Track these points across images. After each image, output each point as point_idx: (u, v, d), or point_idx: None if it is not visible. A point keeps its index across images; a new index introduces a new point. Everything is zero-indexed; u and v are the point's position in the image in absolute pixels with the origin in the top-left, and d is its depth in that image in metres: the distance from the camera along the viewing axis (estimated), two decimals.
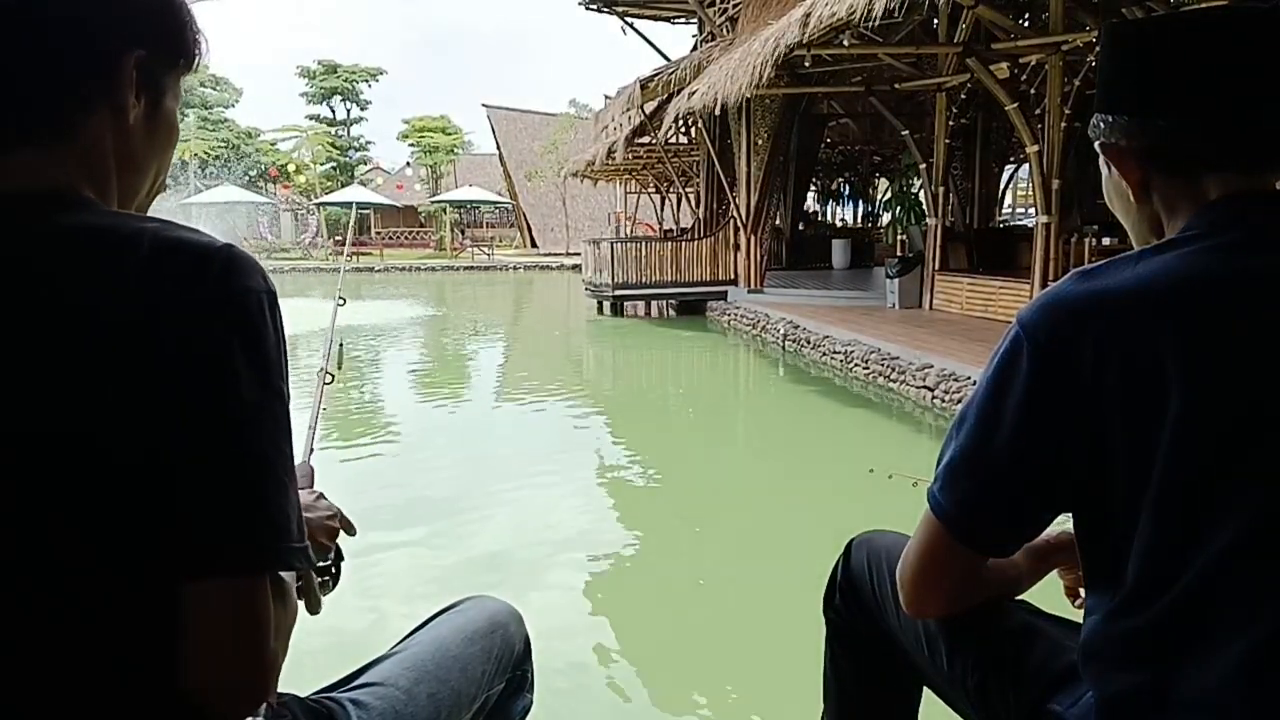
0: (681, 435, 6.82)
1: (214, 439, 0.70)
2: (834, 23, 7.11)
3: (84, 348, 0.67)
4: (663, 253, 14.18)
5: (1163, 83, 0.88)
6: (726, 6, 13.79)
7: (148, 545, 0.69)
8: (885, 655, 1.20)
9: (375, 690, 1.04)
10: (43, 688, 0.70)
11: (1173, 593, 0.81)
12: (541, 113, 36.31)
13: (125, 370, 0.68)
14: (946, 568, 0.97)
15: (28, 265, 0.70)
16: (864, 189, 25.75)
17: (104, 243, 0.71)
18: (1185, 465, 0.79)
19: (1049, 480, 0.87)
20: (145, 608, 0.71)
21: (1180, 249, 0.83)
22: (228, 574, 0.70)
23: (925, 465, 1.07)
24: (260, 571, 0.72)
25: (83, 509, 0.68)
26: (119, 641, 0.71)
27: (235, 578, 0.70)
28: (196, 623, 0.70)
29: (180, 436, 0.69)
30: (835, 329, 9.00)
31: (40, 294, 0.69)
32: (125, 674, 0.72)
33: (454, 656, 1.13)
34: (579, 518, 4.42)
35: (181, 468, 0.69)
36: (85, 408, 0.67)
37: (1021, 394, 0.85)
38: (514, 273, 26.92)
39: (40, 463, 0.67)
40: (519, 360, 11.51)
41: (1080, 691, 0.93)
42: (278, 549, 0.72)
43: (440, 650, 1.13)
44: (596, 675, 2.74)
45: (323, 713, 0.96)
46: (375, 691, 1.04)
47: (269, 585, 0.73)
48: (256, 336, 0.72)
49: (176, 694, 0.71)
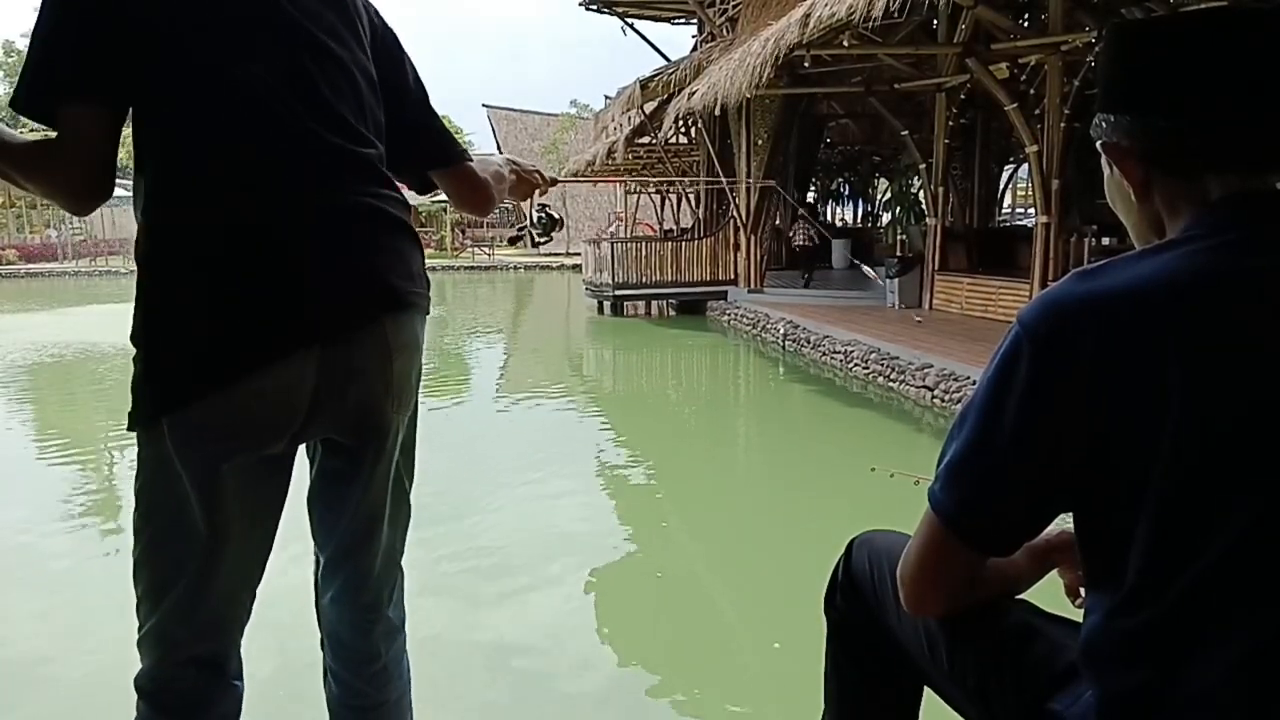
0: (682, 435, 6.82)
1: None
2: (834, 23, 7.11)
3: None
4: (663, 253, 14.18)
5: (1164, 83, 0.88)
6: (726, 7, 13.79)
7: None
8: (886, 654, 1.20)
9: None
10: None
11: (1173, 592, 0.81)
12: (541, 113, 36.30)
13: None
14: (947, 567, 0.97)
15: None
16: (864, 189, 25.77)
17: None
18: (1185, 465, 0.79)
19: (1049, 479, 0.87)
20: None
21: (1181, 249, 0.83)
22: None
23: (925, 465, 1.08)
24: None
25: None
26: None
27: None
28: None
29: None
30: (835, 329, 9.01)
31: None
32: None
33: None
34: (579, 517, 4.42)
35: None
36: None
37: (1022, 393, 0.85)
38: (514, 273, 26.94)
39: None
40: (519, 360, 11.51)
41: (1080, 691, 0.93)
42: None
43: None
44: (597, 675, 2.74)
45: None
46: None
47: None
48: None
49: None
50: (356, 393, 1.28)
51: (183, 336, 1.17)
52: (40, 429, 7.09)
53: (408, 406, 1.40)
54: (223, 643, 1.30)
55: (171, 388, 1.18)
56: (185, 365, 1.17)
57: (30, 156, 1.15)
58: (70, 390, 8.72)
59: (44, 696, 2.60)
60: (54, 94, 1.12)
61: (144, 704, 1.27)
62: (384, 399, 1.33)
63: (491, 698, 2.57)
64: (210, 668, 1.28)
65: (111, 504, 4.73)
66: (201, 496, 1.20)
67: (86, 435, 6.64)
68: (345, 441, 1.35)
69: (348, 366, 1.26)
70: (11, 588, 3.48)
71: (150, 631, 1.25)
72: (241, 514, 1.25)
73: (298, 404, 1.23)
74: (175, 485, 1.20)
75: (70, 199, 1.17)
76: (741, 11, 12.08)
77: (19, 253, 28.44)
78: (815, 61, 10.02)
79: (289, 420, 1.24)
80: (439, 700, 2.40)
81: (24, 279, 24.70)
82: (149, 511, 1.24)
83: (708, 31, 14.75)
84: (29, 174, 1.16)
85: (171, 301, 1.17)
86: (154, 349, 1.18)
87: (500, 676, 2.70)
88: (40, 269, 26.57)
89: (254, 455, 1.24)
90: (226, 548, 1.24)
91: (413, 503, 1.51)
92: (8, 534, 4.10)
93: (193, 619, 1.25)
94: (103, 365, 9.81)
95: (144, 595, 1.25)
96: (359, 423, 1.32)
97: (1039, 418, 0.85)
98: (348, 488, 1.39)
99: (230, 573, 1.26)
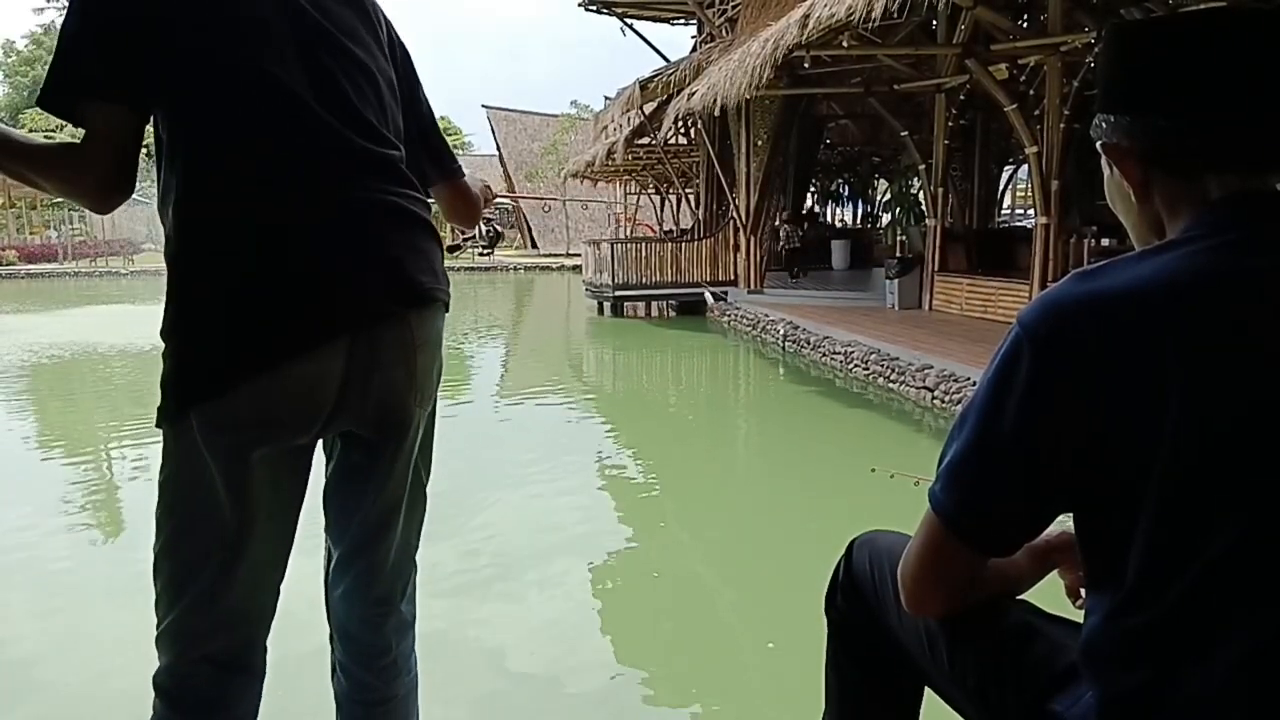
0: (682, 435, 6.82)
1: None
2: (833, 24, 7.11)
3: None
4: (662, 253, 14.19)
5: (1163, 83, 0.88)
6: (726, 8, 13.80)
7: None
8: (886, 655, 1.20)
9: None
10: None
11: (1173, 592, 0.81)
12: (541, 114, 36.28)
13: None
14: (947, 567, 0.97)
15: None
16: (863, 190, 25.77)
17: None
18: (1185, 465, 0.79)
19: (1049, 480, 0.87)
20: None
21: (1181, 249, 0.83)
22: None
23: (925, 465, 1.08)
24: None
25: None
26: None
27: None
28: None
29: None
30: (835, 330, 9.00)
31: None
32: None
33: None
34: (579, 518, 4.42)
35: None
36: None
37: (1022, 394, 0.85)
38: (514, 273, 26.93)
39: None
40: (519, 360, 11.51)
41: (1081, 691, 0.93)
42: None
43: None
44: (597, 675, 2.74)
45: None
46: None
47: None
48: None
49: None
50: (381, 386, 1.31)
51: (212, 330, 1.20)
52: (40, 429, 7.09)
53: (429, 401, 1.43)
54: (243, 639, 1.30)
55: (201, 380, 1.20)
56: (215, 358, 1.20)
57: (52, 155, 1.18)
58: (70, 391, 8.72)
59: (43, 697, 2.59)
60: (78, 91, 1.15)
61: (160, 702, 1.28)
62: (407, 393, 1.36)
63: (491, 696, 2.57)
64: (229, 666, 1.29)
65: (112, 504, 4.73)
66: (229, 486, 1.22)
67: (87, 435, 6.64)
68: (367, 435, 1.37)
69: (373, 360, 1.29)
70: (11, 588, 3.47)
71: (169, 627, 1.26)
72: (266, 506, 1.27)
73: (325, 396, 1.26)
74: (202, 476, 1.21)
75: (92, 197, 1.19)
76: (741, 12, 12.08)
77: (19, 253, 28.46)
78: (815, 62, 10.02)
79: (316, 412, 1.26)
80: (439, 698, 2.40)
81: (24, 279, 24.71)
82: (173, 503, 1.25)
83: (707, 32, 14.76)
84: (50, 173, 1.18)
85: (202, 296, 1.20)
86: (184, 343, 1.21)
87: (499, 675, 2.70)
88: (40, 269, 26.58)
89: (281, 446, 1.26)
90: (249, 541, 1.26)
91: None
92: (7, 534, 4.10)
93: (213, 613, 1.25)
94: (102, 365, 9.82)
95: (164, 588, 1.26)
96: (382, 416, 1.34)
97: (1039, 418, 0.85)
98: (367, 482, 1.41)
99: (252, 567, 1.27)
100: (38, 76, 42.04)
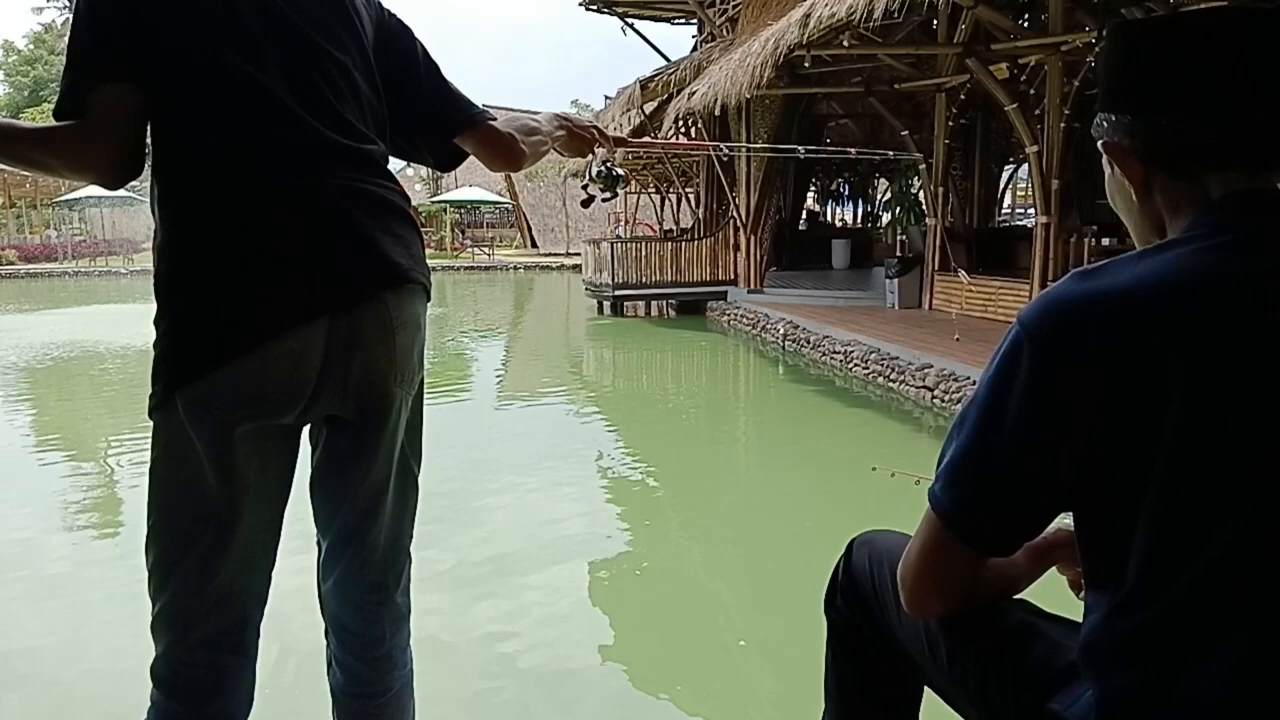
0: (682, 435, 6.82)
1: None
2: (833, 23, 7.11)
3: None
4: (663, 253, 14.18)
5: (1164, 82, 0.88)
6: (726, 7, 13.79)
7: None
8: (886, 655, 1.20)
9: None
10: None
11: (1173, 592, 0.81)
12: None
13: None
14: (947, 567, 0.97)
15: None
16: (864, 189, 25.74)
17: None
18: (1185, 464, 0.79)
19: (1049, 479, 0.87)
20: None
21: (1182, 248, 0.83)
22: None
23: (925, 465, 1.08)
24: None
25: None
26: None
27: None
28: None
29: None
30: (835, 329, 9.00)
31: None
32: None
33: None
34: (579, 517, 4.42)
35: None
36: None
37: (1022, 393, 0.85)
38: (514, 273, 26.91)
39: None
40: (519, 360, 11.51)
41: (1080, 691, 0.93)
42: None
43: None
44: (598, 676, 2.74)
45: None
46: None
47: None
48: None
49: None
50: (361, 365, 1.33)
51: (195, 313, 1.24)
52: (40, 430, 7.09)
53: (411, 383, 1.44)
54: (236, 620, 1.32)
55: (187, 361, 1.24)
56: (200, 339, 1.24)
57: (63, 132, 1.22)
58: (70, 391, 8.72)
59: (42, 696, 2.59)
60: (87, 83, 1.20)
61: (158, 691, 1.29)
62: (388, 372, 1.37)
63: (489, 695, 2.57)
64: (222, 648, 1.30)
65: (111, 503, 4.73)
66: (216, 464, 1.25)
67: (87, 436, 6.63)
68: (349, 417, 1.38)
69: (353, 339, 1.31)
70: (11, 587, 3.47)
71: (162, 612, 1.28)
72: (253, 488, 1.29)
73: (306, 375, 1.28)
74: (189, 456, 1.25)
75: (102, 170, 1.25)
76: (741, 12, 12.08)
77: (18, 253, 28.45)
78: (815, 62, 10.01)
79: (299, 390, 1.29)
80: (436, 698, 2.40)
81: (23, 279, 24.70)
82: (161, 485, 1.28)
83: (708, 32, 14.74)
84: (62, 148, 1.24)
85: (186, 282, 1.24)
86: (170, 327, 1.25)
87: (498, 674, 2.70)
88: (40, 269, 26.57)
89: (265, 425, 1.29)
90: (237, 522, 1.28)
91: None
92: (7, 533, 4.10)
93: (204, 592, 1.27)
94: (102, 366, 9.81)
95: (154, 566, 1.28)
96: (363, 396, 1.36)
97: (1039, 417, 0.85)
98: (352, 466, 1.41)
99: (240, 546, 1.29)
100: (38, 76, 42.08)
